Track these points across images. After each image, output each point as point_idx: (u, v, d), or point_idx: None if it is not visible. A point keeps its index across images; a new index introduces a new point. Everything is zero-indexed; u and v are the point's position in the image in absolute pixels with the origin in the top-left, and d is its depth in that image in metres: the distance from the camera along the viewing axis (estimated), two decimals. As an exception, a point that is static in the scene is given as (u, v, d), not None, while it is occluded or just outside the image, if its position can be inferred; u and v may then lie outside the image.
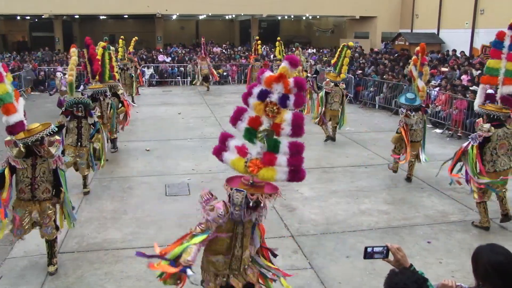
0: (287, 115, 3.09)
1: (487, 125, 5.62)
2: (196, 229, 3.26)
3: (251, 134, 3.17)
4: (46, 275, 4.83)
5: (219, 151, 3.31)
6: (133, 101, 15.47)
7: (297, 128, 3.09)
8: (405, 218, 6.35)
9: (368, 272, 4.88)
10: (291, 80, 3.05)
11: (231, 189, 3.16)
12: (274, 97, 3.08)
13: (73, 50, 7.67)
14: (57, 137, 4.91)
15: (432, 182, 7.75)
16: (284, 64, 3.03)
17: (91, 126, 6.93)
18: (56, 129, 4.89)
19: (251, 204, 3.12)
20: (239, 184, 3.21)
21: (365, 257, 2.39)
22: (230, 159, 3.24)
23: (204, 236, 3.21)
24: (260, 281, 3.61)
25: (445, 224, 6.09)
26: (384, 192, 7.32)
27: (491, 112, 5.71)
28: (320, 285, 4.70)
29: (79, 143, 6.87)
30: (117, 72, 12.80)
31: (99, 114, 8.00)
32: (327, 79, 10.38)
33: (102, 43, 9.33)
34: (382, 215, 6.44)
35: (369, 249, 2.36)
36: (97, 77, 8.72)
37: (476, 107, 6.08)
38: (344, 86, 10.65)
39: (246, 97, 3.20)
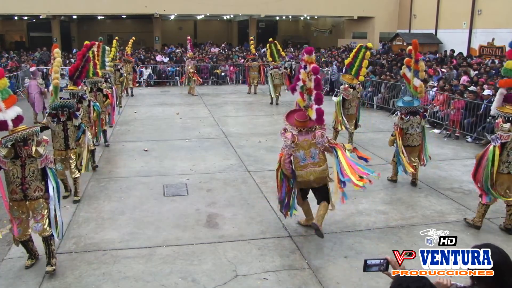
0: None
1: (507, 125, 5.54)
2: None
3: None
4: (43, 276, 4.82)
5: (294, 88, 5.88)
6: (120, 102, 15.31)
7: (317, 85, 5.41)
8: (402, 218, 6.36)
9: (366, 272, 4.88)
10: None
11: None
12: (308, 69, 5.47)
13: (56, 51, 6.81)
14: (44, 137, 4.89)
15: (429, 182, 7.77)
16: (306, 56, 5.44)
17: (77, 128, 6.83)
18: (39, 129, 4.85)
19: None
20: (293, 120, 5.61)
21: (364, 270, 2.43)
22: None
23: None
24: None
25: (443, 224, 6.09)
26: (382, 192, 7.33)
27: (507, 114, 5.62)
28: (318, 285, 4.71)
29: (67, 146, 6.77)
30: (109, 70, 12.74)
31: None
32: (345, 85, 9.52)
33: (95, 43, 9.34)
34: (380, 215, 6.45)
35: (368, 262, 2.40)
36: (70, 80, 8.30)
37: (493, 110, 5.91)
38: (361, 89, 10.02)
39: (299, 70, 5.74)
